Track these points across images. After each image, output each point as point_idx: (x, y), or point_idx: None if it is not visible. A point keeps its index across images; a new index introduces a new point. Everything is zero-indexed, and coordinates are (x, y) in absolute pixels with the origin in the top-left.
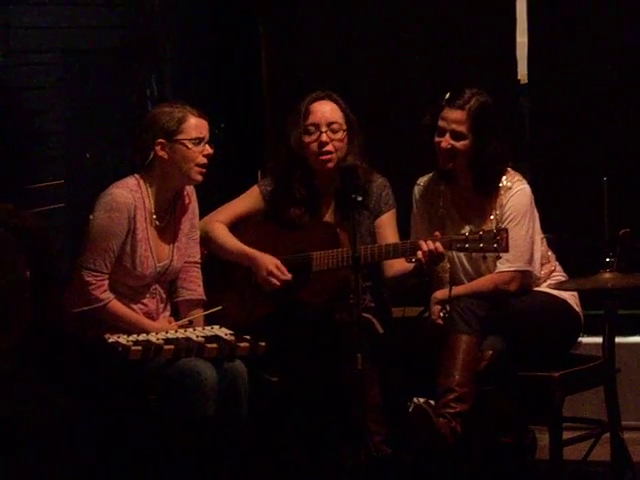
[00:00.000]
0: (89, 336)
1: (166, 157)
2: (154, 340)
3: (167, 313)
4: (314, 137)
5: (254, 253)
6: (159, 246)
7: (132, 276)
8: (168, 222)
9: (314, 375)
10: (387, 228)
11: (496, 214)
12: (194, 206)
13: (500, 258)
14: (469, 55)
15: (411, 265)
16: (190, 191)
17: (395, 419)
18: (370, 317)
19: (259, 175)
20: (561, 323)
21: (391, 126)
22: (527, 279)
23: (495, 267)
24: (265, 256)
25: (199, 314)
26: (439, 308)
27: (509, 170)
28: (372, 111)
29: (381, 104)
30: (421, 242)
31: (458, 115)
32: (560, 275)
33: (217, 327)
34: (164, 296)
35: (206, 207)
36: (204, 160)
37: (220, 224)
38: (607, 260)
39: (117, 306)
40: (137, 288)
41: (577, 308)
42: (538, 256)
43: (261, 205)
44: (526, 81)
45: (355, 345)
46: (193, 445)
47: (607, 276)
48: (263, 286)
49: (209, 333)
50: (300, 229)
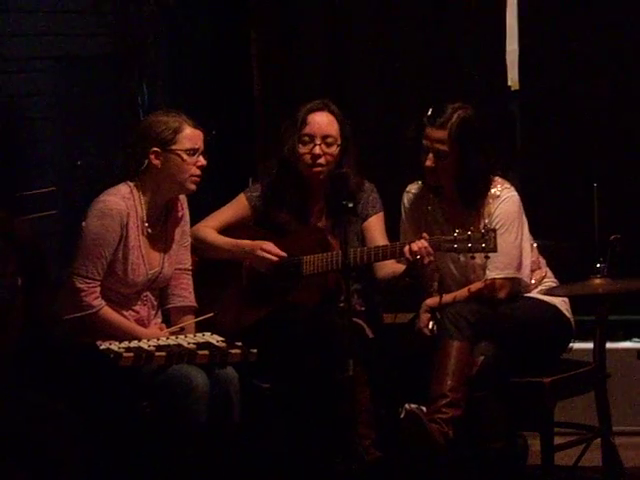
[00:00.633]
0: (81, 343)
1: (160, 166)
2: (145, 347)
3: (158, 320)
4: (308, 148)
5: (245, 241)
6: (150, 253)
7: (123, 283)
8: (160, 230)
9: (305, 378)
10: (375, 231)
11: (485, 223)
12: (186, 214)
13: (489, 258)
14: (460, 61)
15: (402, 267)
16: (182, 199)
17: (385, 423)
18: (360, 322)
19: (250, 182)
20: (552, 329)
21: (383, 132)
22: (516, 286)
23: (484, 275)
24: (257, 241)
25: (190, 321)
26: (428, 316)
27: (497, 179)
28: (365, 117)
29: (373, 110)
30: (410, 243)
31: (440, 134)
32: (551, 281)
33: (208, 334)
34: (155, 303)
35: (197, 214)
36: (197, 172)
37: (210, 229)
38: (598, 266)
39: (109, 313)
40: (128, 295)
41: (568, 314)
42: (528, 263)
43: (248, 213)
44: (517, 87)
45: (346, 350)
46: (185, 451)
47: (598, 282)
48: (259, 267)
49: (200, 340)
50: (290, 234)
